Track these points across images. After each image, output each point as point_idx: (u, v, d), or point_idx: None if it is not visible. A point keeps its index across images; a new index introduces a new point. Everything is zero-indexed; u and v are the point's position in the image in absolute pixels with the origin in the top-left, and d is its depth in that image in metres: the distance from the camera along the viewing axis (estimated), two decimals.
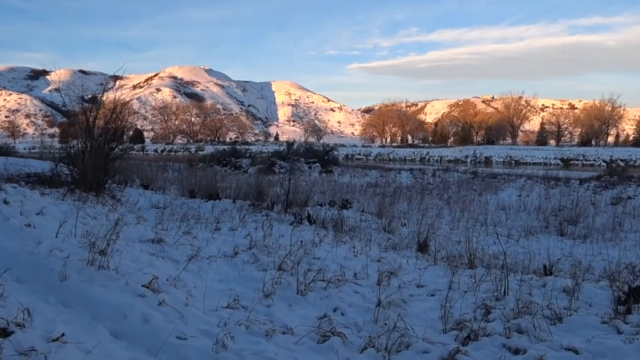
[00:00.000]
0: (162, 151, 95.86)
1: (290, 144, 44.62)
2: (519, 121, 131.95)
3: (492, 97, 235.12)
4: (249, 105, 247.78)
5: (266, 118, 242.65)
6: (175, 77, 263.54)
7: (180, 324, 4.12)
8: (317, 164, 37.35)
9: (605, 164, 55.66)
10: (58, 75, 19.41)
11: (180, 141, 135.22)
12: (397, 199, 19.81)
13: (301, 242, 8.58)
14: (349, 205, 15.38)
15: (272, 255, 7.27)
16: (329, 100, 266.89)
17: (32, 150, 52.78)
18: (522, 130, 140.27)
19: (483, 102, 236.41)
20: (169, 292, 4.81)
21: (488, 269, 7.29)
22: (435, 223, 14.10)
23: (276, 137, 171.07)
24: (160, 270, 5.51)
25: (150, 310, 4.26)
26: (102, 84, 15.34)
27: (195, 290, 5.18)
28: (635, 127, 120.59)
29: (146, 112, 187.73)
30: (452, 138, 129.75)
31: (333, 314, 5.19)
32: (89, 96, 19.95)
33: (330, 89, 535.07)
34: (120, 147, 13.48)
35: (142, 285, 4.68)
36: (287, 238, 9.05)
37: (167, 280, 5.20)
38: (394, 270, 7.08)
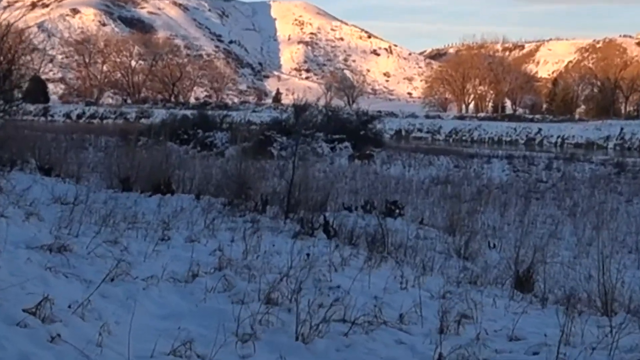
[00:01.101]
0: (80, 117, 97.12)
1: (299, 108, 44.69)
2: None
3: None
4: (231, 42, 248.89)
5: (260, 65, 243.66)
6: None
7: None
8: (347, 144, 37.61)
9: None
10: None
11: (110, 100, 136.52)
12: (481, 206, 19.96)
13: (307, 255, 8.86)
14: (398, 211, 15.65)
15: (257, 280, 7.46)
16: (369, 37, 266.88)
17: None
18: None
19: (639, 44, 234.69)
20: (71, 325, 4.88)
21: (637, 316, 7.50)
22: (549, 246, 14.16)
23: (276, 98, 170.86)
24: (59, 291, 5.63)
25: (34, 349, 4.27)
26: None
27: (118, 327, 5.28)
28: None
29: (54, 49, 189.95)
30: (582, 106, 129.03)
31: None
32: None
33: (372, 17, 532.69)
34: (3, 104, 13.72)
35: (24, 310, 4.75)
36: (284, 257, 9.30)
37: (70, 306, 5.31)
38: (468, 313, 7.22)
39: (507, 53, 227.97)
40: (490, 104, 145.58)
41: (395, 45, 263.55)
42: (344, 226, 12.87)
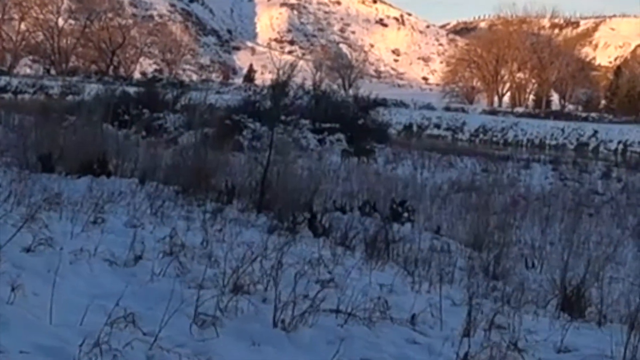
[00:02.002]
0: None
1: (278, 86, 44.68)
2: None
3: None
4: (191, 0, 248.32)
5: (229, 32, 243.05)
6: None
7: None
8: (340, 136, 37.63)
9: None
10: None
11: (28, 70, 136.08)
12: (516, 220, 20.03)
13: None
14: (407, 214, 15.94)
15: (221, 266, 7.65)
16: (375, 1, 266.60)
17: None
18: None
19: None
20: None
21: None
22: (605, 270, 14.29)
23: (249, 77, 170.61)
24: None
25: None
26: None
27: (36, 298, 5.49)
28: None
29: None
30: None
31: None
32: None
33: None
34: None
35: None
36: (257, 249, 9.36)
37: None
38: (499, 322, 7.36)
39: (556, 31, 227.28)
40: (532, 97, 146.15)
41: (409, 15, 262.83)
42: (335, 228, 12.99)
